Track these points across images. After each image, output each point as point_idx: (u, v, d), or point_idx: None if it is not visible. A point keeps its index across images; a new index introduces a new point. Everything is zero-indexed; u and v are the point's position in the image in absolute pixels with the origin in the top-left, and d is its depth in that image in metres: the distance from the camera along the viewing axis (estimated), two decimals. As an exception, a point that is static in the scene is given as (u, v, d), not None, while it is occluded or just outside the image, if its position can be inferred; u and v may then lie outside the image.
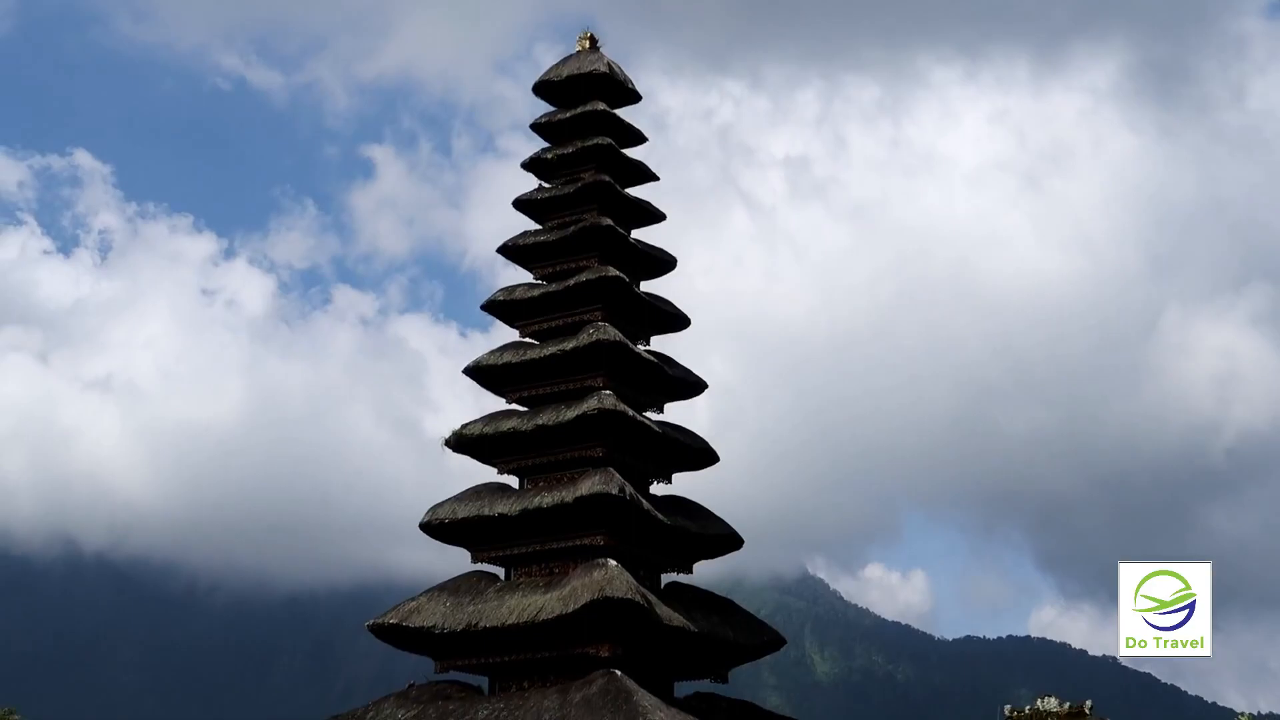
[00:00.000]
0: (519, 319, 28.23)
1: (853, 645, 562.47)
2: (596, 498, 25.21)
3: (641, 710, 22.51)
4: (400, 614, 26.47)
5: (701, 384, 28.50)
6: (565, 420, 26.12)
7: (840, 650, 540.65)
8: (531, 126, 29.46)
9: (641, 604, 24.30)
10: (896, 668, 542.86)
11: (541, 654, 25.15)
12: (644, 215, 29.11)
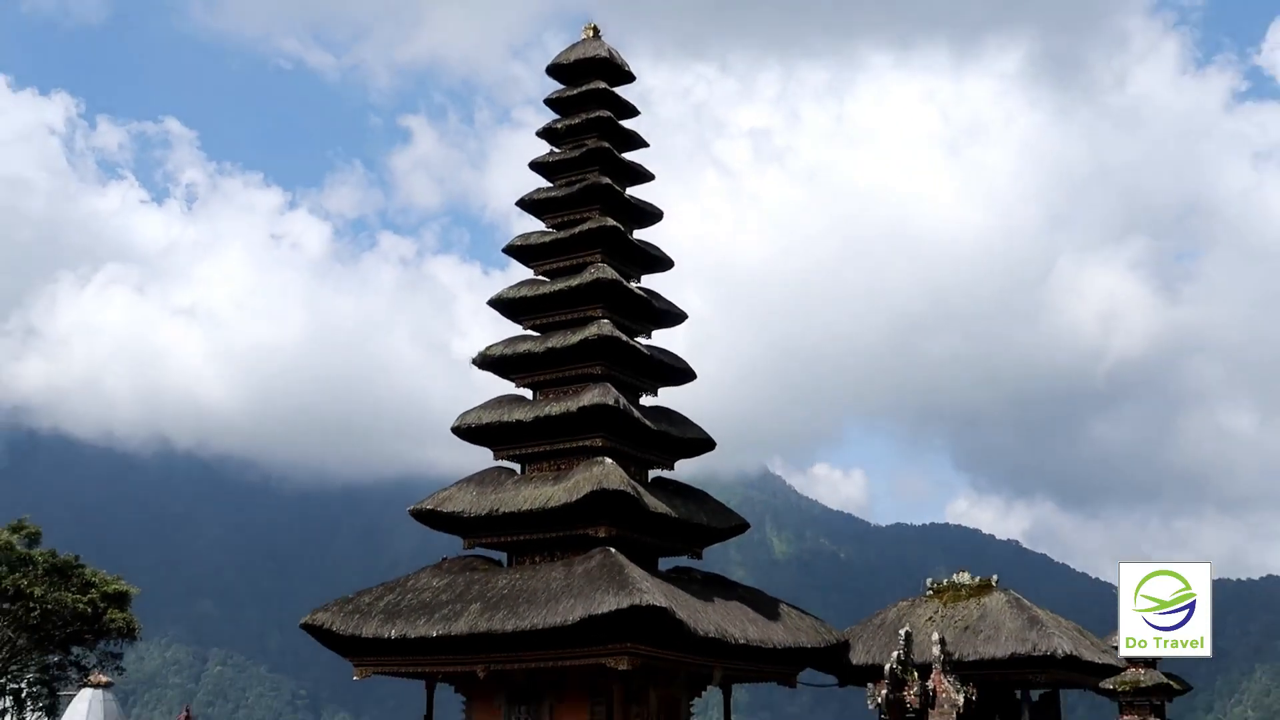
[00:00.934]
0: (533, 260, 28.16)
1: (804, 530, 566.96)
2: (596, 407, 25.25)
3: (632, 580, 22.62)
4: (435, 501, 26.54)
5: (682, 315, 28.51)
6: (570, 344, 26.11)
7: (794, 534, 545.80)
8: (545, 101, 29.34)
9: (632, 494, 24.39)
10: (839, 548, 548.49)
11: (550, 534, 25.28)
12: (636, 175, 28.99)
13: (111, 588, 55.51)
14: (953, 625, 28.60)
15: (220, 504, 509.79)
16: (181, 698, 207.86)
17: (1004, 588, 31.28)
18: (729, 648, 24.09)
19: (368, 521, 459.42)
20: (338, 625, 24.99)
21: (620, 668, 22.67)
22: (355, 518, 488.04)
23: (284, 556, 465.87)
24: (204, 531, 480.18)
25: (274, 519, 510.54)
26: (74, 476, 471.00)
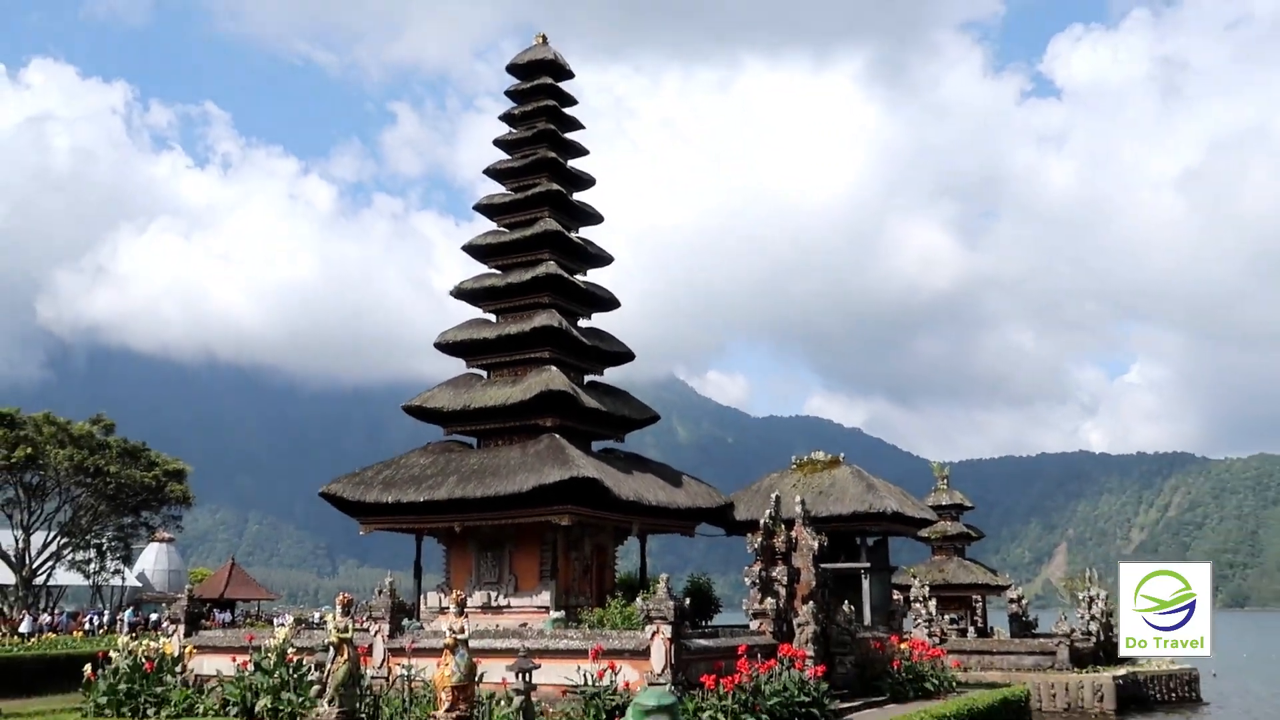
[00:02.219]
0: (496, 215, 27.85)
1: (700, 421, 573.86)
2: (544, 328, 25.19)
3: (571, 458, 22.76)
4: (421, 399, 26.41)
5: (610, 258, 28.35)
6: (525, 280, 25.99)
7: (693, 424, 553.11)
8: (505, 93, 28.79)
9: (571, 394, 24.42)
10: (727, 434, 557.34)
11: (509, 424, 25.26)
12: (575, 151, 28.66)
13: (171, 466, 55.18)
14: (810, 490, 29.09)
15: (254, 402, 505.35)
16: (228, 549, 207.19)
17: (848, 463, 31.84)
18: (644, 508, 24.40)
19: (370, 416, 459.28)
20: (347, 493, 24.97)
21: (562, 523, 22.92)
22: (360, 413, 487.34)
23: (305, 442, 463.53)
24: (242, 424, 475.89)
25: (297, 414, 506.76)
26: (138, 381, 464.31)
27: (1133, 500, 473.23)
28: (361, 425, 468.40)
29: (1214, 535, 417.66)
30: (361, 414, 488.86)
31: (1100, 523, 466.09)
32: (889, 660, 25.63)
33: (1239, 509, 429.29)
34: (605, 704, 17.34)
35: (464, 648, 14.86)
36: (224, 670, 22.40)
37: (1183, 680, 43.08)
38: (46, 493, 50.18)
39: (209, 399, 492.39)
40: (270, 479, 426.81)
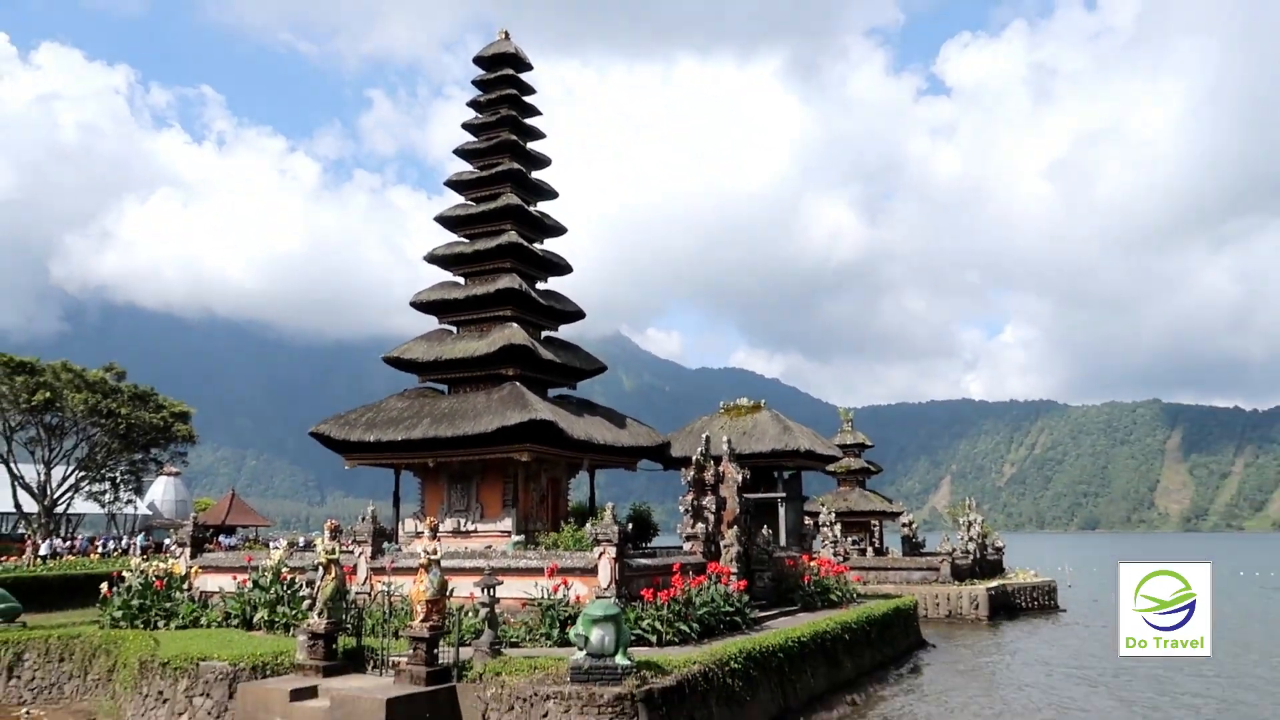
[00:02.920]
0: (464, 190, 27.36)
1: (642, 372, 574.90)
2: (507, 290, 24.90)
3: (530, 402, 22.61)
4: (399, 351, 26.03)
5: (564, 229, 28.02)
6: (490, 247, 25.63)
7: (636, 374, 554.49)
8: (472, 82, 28.18)
9: (530, 347, 24.21)
10: (664, 383, 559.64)
11: (476, 373, 25.00)
12: (535, 134, 28.19)
13: (177, 409, 54.13)
14: (736, 431, 29.27)
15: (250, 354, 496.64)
16: (229, 482, 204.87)
17: (769, 408, 32.07)
18: (593, 446, 24.39)
19: (353, 365, 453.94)
20: (334, 433, 24.63)
21: (523, 459, 22.83)
22: (344, 363, 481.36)
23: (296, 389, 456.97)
24: (240, 373, 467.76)
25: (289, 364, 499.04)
26: (146, 334, 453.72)
27: (1005, 440, 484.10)
28: (346, 374, 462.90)
29: (1071, 470, 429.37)
30: (346, 364, 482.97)
31: (978, 459, 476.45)
32: (801, 576, 26.01)
33: (1092, 448, 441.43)
34: (559, 614, 17.42)
35: (437, 567, 14.78)
36: (225, 588, 22.17)
37: (1044, 590, 44.32)
38: (65, 432, 49.18)
39: (210, 351, 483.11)
40: (265, 421, 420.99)
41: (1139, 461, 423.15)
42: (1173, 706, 20.33)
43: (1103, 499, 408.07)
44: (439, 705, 13.86)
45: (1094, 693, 22.03)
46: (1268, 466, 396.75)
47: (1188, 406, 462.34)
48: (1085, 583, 62.40)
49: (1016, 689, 22.54)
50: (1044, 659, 27.86)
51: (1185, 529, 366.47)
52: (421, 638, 14.21)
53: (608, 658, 13.64)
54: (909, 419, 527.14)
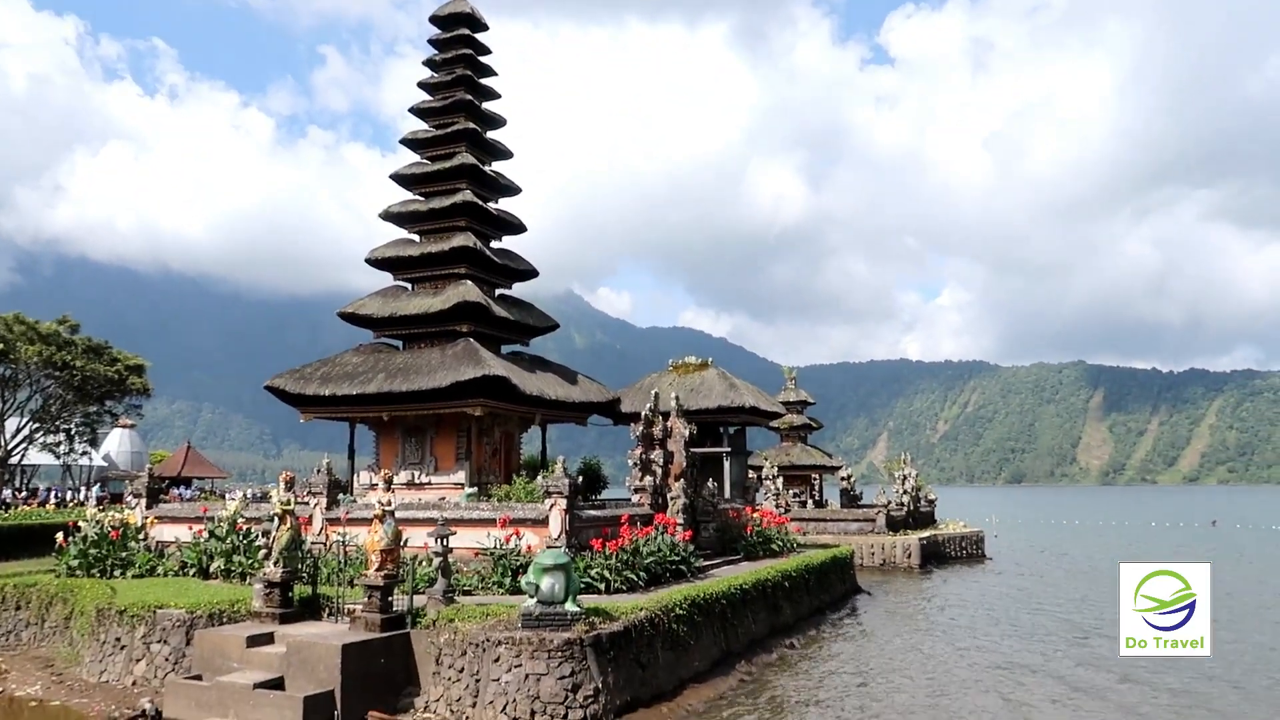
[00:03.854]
0: (419, 149, 26.78)
1: (594, 330, 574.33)
2: (461, 248, 24.55)
3: (483, 358, 22.42)
4: (354, 306, 25.59)
5: (518, 189, 27.60)
6: (445, 205, 25.19)
7: (587, 332, 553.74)
8: (428, 41, 27.40)
9: (484, 304, 23.96)
10: (615, 341, 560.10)
11: (431, 329, 24.67)
12: (490, 94, 27.65)
13: (132, 361, 52.84)
14: (684, 388, 29.42)
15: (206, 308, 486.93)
16: (184, 434, 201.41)
17: (715, 366, 32.24)
18: (545, 401, 24.33)
19: (309, 320, 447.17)
20: (289, 387, 24.24)
21: (476, 413, 22.70)
22: (300, 318, 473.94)
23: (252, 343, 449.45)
24: (195, 326, 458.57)
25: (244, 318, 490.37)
26: (100, 287, 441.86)
27: (940, 399, 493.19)
28: (302, 329, 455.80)
29: (1001, 427, 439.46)
30: (302, 319, 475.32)
31: (914, 416, 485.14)
32: (744, 526, 26.36)
33: (1020, 406, 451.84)
34: (511, 563, 17.47)
35: (391, 517, 14.71)
36: (181, 538, 21.87)
37: (972, 540, 45.48)
38: (19, 384, 47.81)
39: (165, 304, 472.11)
40: (221, 374, 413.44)
41: (1063, 419, 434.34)
42: (1069, 644, 21.06)
43: (1029, 454, 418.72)
44: (393, 651, 13.88)
45: (1009, 633, 22.76)
46: (1180, 425, 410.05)
47: (1109, 368, 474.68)
48: (1010, 533, 64.17)
49: (941, 632, 23.19)
50: (967, 604, 28.66)
51: (1104, 483, 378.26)
52: (376, 586, 14.18)
53: (558, 605, 13.74)
54: (850, 378, 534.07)
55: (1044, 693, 16.33)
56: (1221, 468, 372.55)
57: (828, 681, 17.11)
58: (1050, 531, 71.21)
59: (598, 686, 13.10)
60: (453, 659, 13.68)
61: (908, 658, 19.61)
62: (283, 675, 13.34)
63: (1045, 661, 19.25)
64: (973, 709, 14.99)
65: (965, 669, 18.37)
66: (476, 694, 13.27)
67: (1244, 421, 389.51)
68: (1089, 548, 54.32)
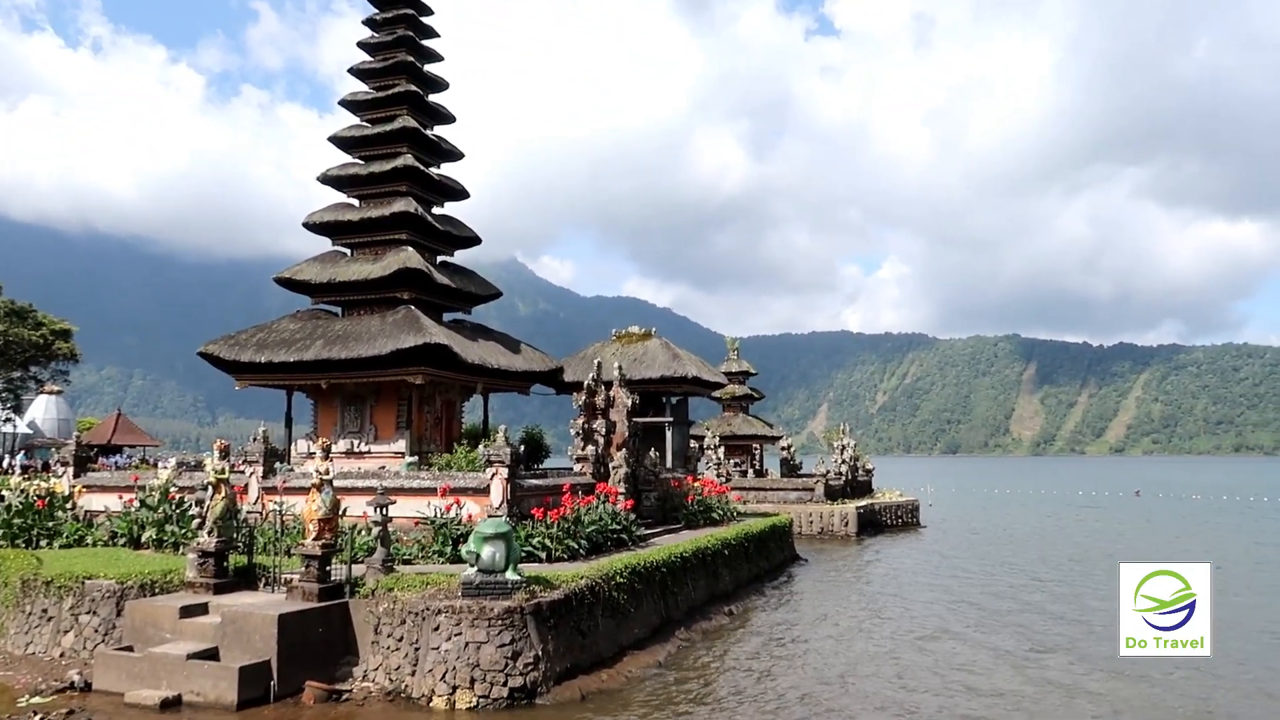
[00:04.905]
0: (359, 111, 26.13)
1: (537, 299, 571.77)
2: (402, 214, 24.13)
3: (424, 326, 22.14)
4: (291, 272, 25.02)
5: (461, 154, 27.11)
6: (386, 169, 24.69)
7: (531, 301, 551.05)
8: (368, 0, 26.81)
9: (425, 271, 23.61)
10: (559, 310, 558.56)
11: (371, 296, 24.24)
12: (433, 57, 27.00)
13: (58, 326, 51.31)
14: (627, 358, 29.46)
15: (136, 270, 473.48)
16: (115, 402, 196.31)
17: (659, 336, 32.32)
18: (487, 370, 24.15)
19: (246, 285, 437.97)
20: (224, 353, 23.69)
21: (417, 382, 22.46)
22: (237, 282, 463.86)
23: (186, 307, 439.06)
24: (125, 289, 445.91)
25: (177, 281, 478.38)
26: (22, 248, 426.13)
27: (879, 370, 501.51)
28: (239, 293, 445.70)
29: (938, 399, 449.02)
30: (238, 283, 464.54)
31: (854, 387, 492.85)
32: (685, 496, 26.61)
33: (957, 378, 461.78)
34: (451, 532, 17.41)
35: (329, 486, 14.54)
36: (111, 507, 21.36)
37: (907, 509, 46.52)
38: (-64, 348, 46.00)
39: (93, 266, 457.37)
40: (154, 339, 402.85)
41: (997, 391, 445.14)
42: (993, 600, 21.74)
43: (964, 425, 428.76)
44: (331, 620, 13.77)
45: (936, 599, 23.40)
46: (1108, 397, 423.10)
47: (1042, 341, 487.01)
48: (944, 503, 65.77)
49: (872, 597, 23.75)
50: (900, 571, 29.37)
51: (1035, 453, 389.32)
52: (314, 555, 14.03)
53: (498, 573, 13.75)
54: (791, 349, 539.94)
55: (961, 660, 16.81)
56: (1146, 439, 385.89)
57: (761, 648, 17.43)
58: (982, 501, 73.16)
59: (538, 654, 13.17)
60: (392, 628, 13.63)
61: (836, 625, 20.06)
62: (217, 646, 13.16)
63: (966, 629, 19.81)
64: (887, 676, 15.39)
65: (887, 637, 18.84)
66: (416, 662, 13.25)
67: (1168, 395, 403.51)
68: (1017, 517, 55.95)
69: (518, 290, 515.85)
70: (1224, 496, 76.63)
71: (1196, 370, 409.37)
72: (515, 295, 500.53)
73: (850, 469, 46.91)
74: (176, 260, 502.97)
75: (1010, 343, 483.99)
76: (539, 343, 29.69)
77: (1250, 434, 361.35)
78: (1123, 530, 45.93)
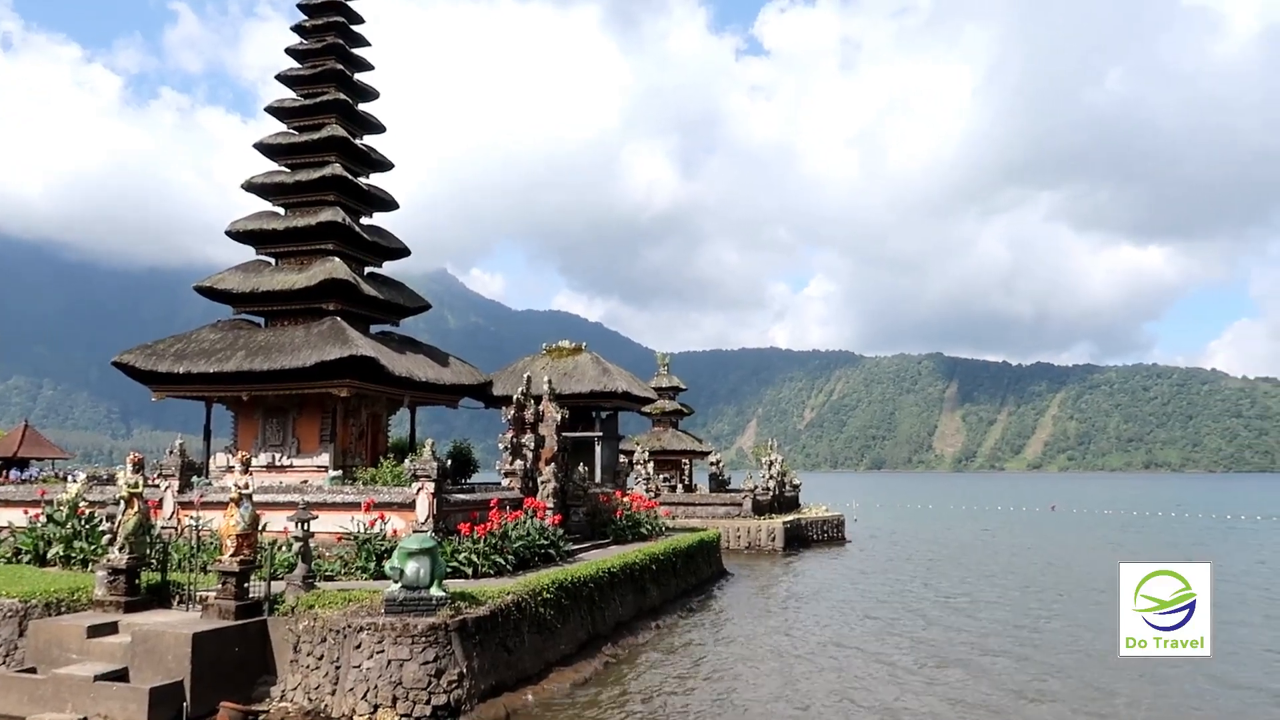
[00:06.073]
0: (286, 118, 25.59)
1: (468, 312, 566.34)
2: (329, 223, 23.69)
3: (351, 338, 21.78)
4: (212, 280, 24.37)
5: (390, 164, 26.68)
6: (313, 178, 24.23)
7: (461, 314, 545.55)
8: (298, 6, 26.19)
9: (352, 282, 23.24)
10: (489, 323, 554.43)
11: (295, 307, 23.71)
12: (363, 65, 26.56)
13: (-39, 333, 49.05)
14: (557, 372, 29.41)
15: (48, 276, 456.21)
16: (22, 413, 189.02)
17: (589, 350, 32.35)
18: (415, 383, 23.85)
19: (166, 294, 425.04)
20: (140, 363, 22.95)
21: (342, 394, 22.05)
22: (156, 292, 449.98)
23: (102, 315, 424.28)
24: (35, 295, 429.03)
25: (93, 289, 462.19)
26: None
27: (807, 387, 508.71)
28: (157, 302, 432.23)
29: (863, 415, 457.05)
30: (157, 291, 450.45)
31: (782, 403, 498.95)
32: (614, 511, 26.60)
33: (882, 396, 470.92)
34: (375, 548, 17.13)
35: (248, 501, 14.18)
36: (16, 522, 20.51)
37: (833, 524, 47.19)
38: None
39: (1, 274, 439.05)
40: (65, 348, 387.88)
41: (921, 409, 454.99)
42: (907, 615, 22.20)
43: (889, 442, 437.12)
44: (249, 639, 13.41)
45: (855, 615, 23.79)
46: (1026, 415, 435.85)
47: (964, 360, 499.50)
48: (869, 518, 66.89)
49: (794, 612, 24.03)
50: (822, 587, 29.77)
51: (957, 469, 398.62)
52: (231, 572, 13.65)
53: (423, 589, 13.56)
54: (721, 365, 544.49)
55: (877, 672, 17.10)
56: (1062, 456, 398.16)
57: (685, 665, 17.49)
58: (905, 517, 74.60)
59: (462, 671, 13.01)
60: (312, 646, 13.32)
61: (760, 641, 20.24)
62: (127, 667, 12.70)
63: (874, 644, 20.16)
64: (806, 691, 15.59)
65: (813, 648, 19.06)
66: (336, 681, 12.97)
67: (1083, 413, 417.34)
68: (938, 533, 57.19)
69: (448, 303, 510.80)
70: (1134, 512, 79.50)
71: (1109, 390, 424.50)
72: (445, 308, 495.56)
73: (778, 484, 47.43)
74: (91, 266, 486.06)
75: (933, 361, 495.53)
76: (469, 356, 29.41)
77: (1159, 451, 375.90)
78: (1037, 544, 47.28)
